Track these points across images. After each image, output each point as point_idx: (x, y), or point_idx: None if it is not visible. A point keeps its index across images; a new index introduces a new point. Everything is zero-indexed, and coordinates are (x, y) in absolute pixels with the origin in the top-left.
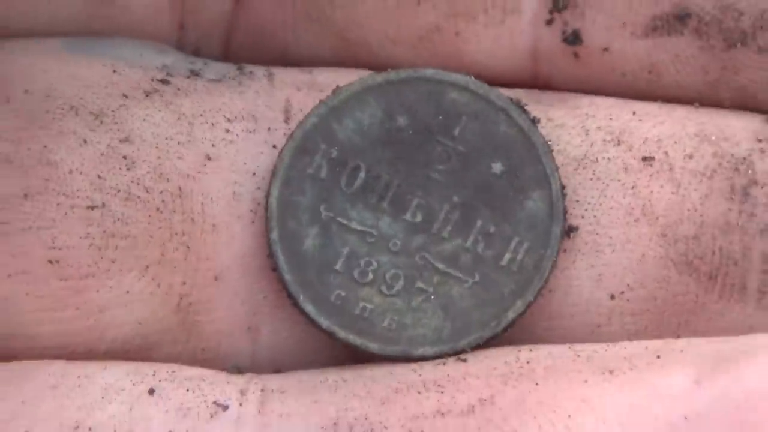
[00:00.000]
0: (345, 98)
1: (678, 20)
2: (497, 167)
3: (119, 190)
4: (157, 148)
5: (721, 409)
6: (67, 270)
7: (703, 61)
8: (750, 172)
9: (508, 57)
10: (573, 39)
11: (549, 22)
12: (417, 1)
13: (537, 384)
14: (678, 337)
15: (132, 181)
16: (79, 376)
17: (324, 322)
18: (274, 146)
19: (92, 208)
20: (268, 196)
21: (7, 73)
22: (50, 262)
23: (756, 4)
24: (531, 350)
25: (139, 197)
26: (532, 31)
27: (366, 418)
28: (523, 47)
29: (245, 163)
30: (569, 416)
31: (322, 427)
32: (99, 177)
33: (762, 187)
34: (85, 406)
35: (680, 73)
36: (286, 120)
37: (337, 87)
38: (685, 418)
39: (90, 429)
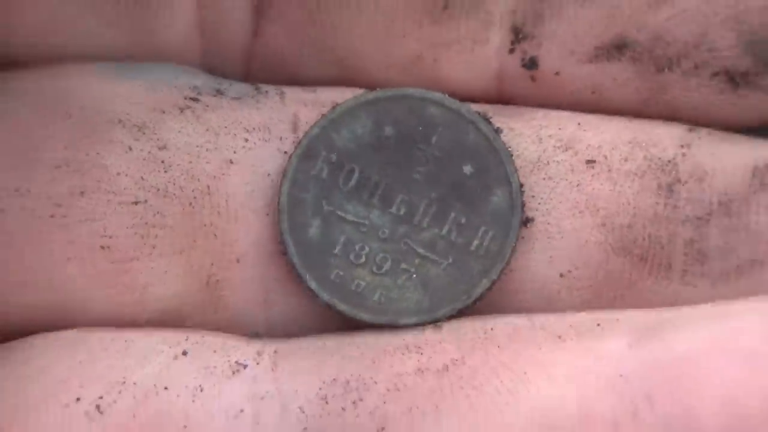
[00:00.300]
0: (342, 112)
1: (617, 49)
2: (467, 169)
3: (158, 189)
4: (188, 154)
5: (650, 368)
6: (116, 254)
7: (637, 82)
8: (674, 172)
9: (477, 78)
10: (530, 65)
11: (511, 51)
12: (403, 34)
13: (499, 347)
14: (615, 308)
15: (168, 181)
16: (125, 341)
17: (325, 297)
18: (285, 152)
19: (136, 203)
20: (279, 193)
21: (68, 92)
22: (102, 247)
23: (680, 37)
24: (495, 320)
25: (174, 194)
26: (497, 58)
27: (359, 375)
28: (490, 71)
29: (261, 167)
30: (525, 373)
31: (324, 383)
32: (142, 178)
33: (684, 185)
34: (129, 366)
35: (618, 92)
36: (294, 131)
37: (336, 103)
38: (620, 376)
39: (134, 384)
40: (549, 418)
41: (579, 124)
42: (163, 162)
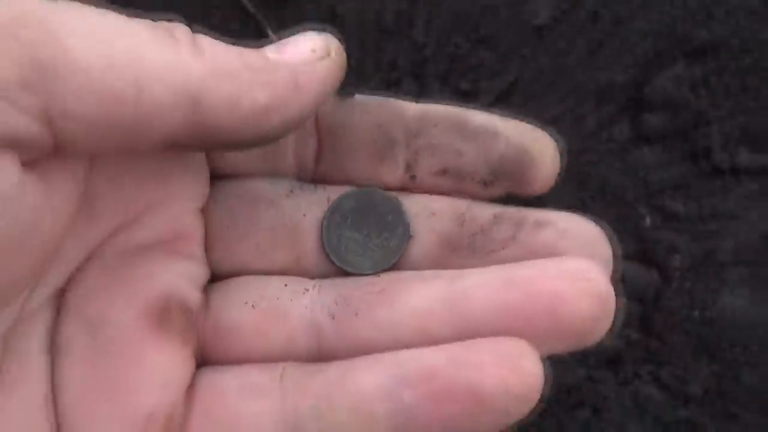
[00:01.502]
0: (345, 195)
1: (443, 173)
2: (390, 218)
3: (280, 222)
4: (291, 210)
5: (451, 293)
6: (263, 248)
7: (430, 184)
8: (468, 216)
9: (394, 182)
10: (413, 177)
11: (405, 172)
12: (370, 167)
13: (401, 283)
14: (443, 269)
15: (283, 220)
16: (265, 281)
17: (338, 263)
18: (324, 210)
19: (271, 229)
20: (321, 225)
21: (246, 190)
22: (256, 244)
23: (466, 167)
24: (400, 273)
25: (285, 225)
26: (402, 175)
27: (349, 293)
28: (399, 179)
29: (315, 215)
30: (410, 293)
31: (336, 296)
32: (273, 218)
33: (471, 223)
34: (267, 287)
35: (437, 188)
36: (328, 202)
37: (344, 193)
38: (446, 295)
39: (268, 296)
40: (419, 310)
41: (431, 199)
42: (281, 212)
